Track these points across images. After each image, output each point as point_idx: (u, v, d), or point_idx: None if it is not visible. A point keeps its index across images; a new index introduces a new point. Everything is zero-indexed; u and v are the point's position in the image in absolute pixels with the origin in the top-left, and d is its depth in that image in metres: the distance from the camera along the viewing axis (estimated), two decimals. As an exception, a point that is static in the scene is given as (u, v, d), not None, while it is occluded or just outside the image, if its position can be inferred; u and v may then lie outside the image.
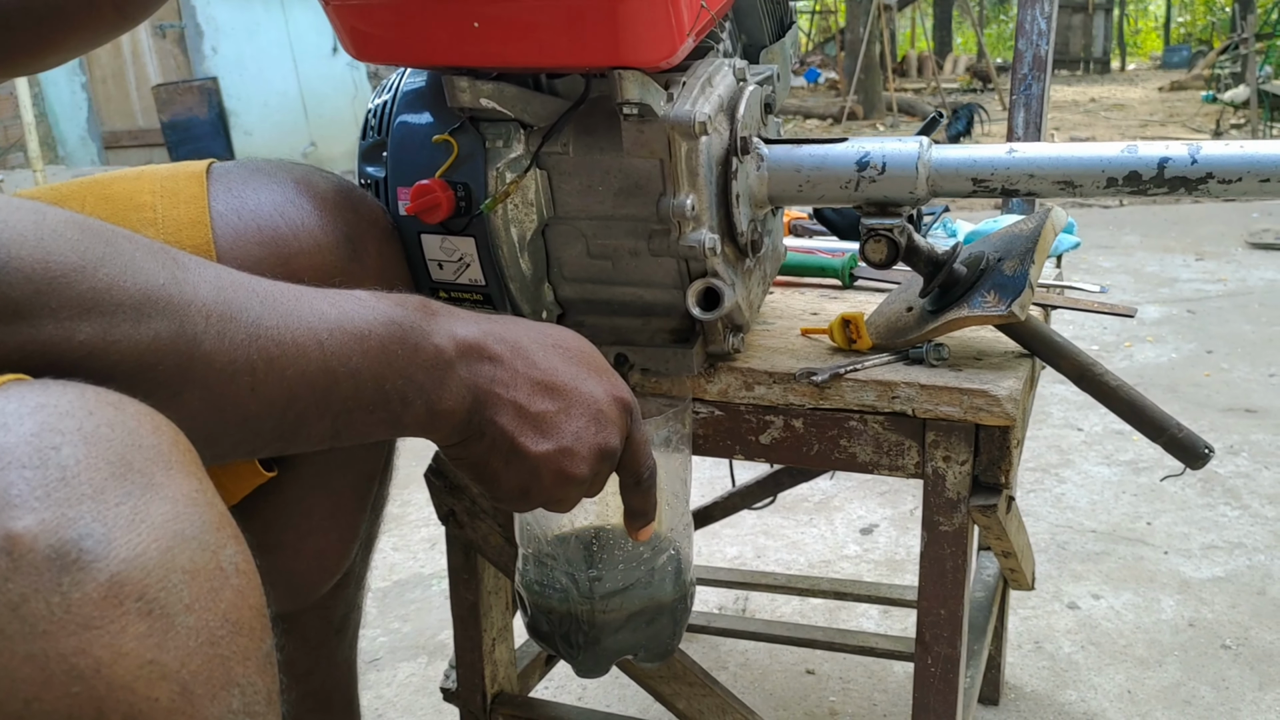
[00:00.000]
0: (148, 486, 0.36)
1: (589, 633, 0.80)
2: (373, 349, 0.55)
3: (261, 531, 0.86)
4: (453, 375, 0.59)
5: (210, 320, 0.48)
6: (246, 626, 0.37)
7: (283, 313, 0.52)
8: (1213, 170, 0.77)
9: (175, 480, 0.37)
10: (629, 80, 0.75)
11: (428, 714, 1.45)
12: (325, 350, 0.53)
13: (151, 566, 0.34)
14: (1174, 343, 3.01)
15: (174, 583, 0.35)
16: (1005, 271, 0.84)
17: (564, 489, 0.64)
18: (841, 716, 1.42)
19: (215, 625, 0.36)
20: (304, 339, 0.52)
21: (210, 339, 0.48)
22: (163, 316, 0.46)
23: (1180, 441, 0.85)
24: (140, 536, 0.35)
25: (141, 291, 0.46)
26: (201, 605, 0.35)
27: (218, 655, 0.36)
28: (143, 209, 0.74)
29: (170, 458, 0.38)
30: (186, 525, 0.36)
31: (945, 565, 0.86)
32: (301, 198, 0.79)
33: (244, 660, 0.37)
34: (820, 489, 2.11)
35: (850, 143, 0.84)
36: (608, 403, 0.65)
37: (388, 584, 1.83)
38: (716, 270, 0.82)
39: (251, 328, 0.50)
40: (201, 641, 0.35)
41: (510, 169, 0.82)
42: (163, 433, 0.39)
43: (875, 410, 0.84)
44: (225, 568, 0.37)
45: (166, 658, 0.34)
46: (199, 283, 0.49)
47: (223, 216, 0.75)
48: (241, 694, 0.36)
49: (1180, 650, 1.53)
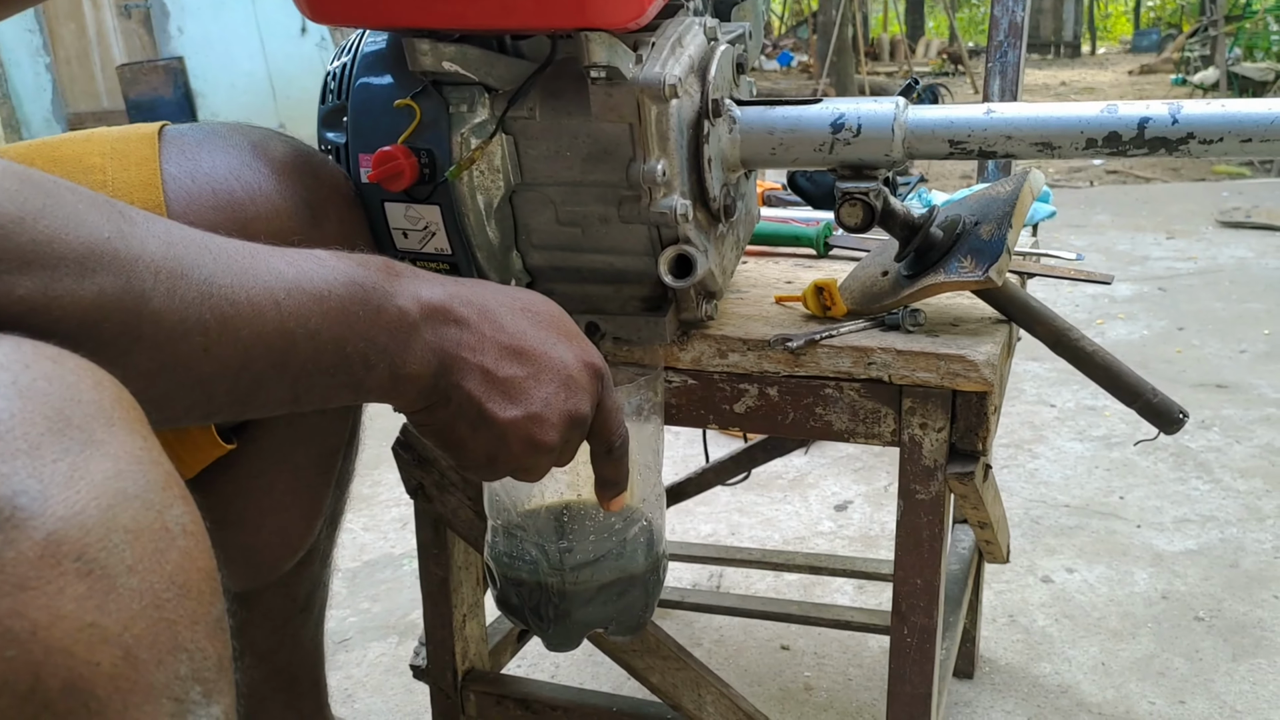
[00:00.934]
0: (87, 443, 0.34)
1: (559, 605, 0.78)
2: (332, 310, 0.53)
3: (221, 507, 0.84)
4: (417, 338, 0.57)
5: (159, 276, 0.46)
6: (194, 590, 0.35)
7: (237, 271, 0.49)
8: (1194, 130, 0.76)
9: (117, 437, 0.35)
10: (596, 43, 0.72)
11: (398, 694, 1.43)
12: (282, 311, 0.51)
13: (91, 525, 0.32)
14: (1145, 320, 3.03)
15: (115, 542, 0.33)
16: (982, 236, 0.83)
17: (533, 457, 0.63)
18: (817, 691, 1.41)
19: (160, 588, 0.34)
20: (260, 298, 0.50)
21: (159, 296, 0.46)
22: (108, 272, 0.44)
23: (1155, 406, 0.84)
24: (79, 494, 0.33)
25: (85, 245, 0.44)
26: (145, 566, 0.33)
27: (163, 619, 0.33)
28: (92, 171, 0.72)
29: (112, 414, 0.36)
30: (129, 483, 0.34)
31: (922, 534, 0.85)
32: (259, 161, 0.76)
33: (192, 625, 0.35)
34: (795, 466, 2.10)
35: (825, 104, 0.83)
36: (578, 368, 0.63)
37: (358, 564, 1.81)
38: (688, 237, 0.80)
39: (204, 285, 0.47)
40: (146, 604, 0.33)
41: (475, 134, 0.80)
42: (104, 388, 0.37)
43: (851, 377, 0.82)
44: (171, 528, 0.35)
45: (108, 620, 0.32)
46: (147, 237, 0.46)
47: (175, 179, 0.73)
48: (190, 659, 0.34)
49: (1153, 622, 1.53)
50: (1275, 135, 0.74)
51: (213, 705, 0.35)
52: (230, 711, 0.36)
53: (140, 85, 7.51)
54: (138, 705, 0.32)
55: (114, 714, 0.31)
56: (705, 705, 0.97)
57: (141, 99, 7.46)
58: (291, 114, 7.89)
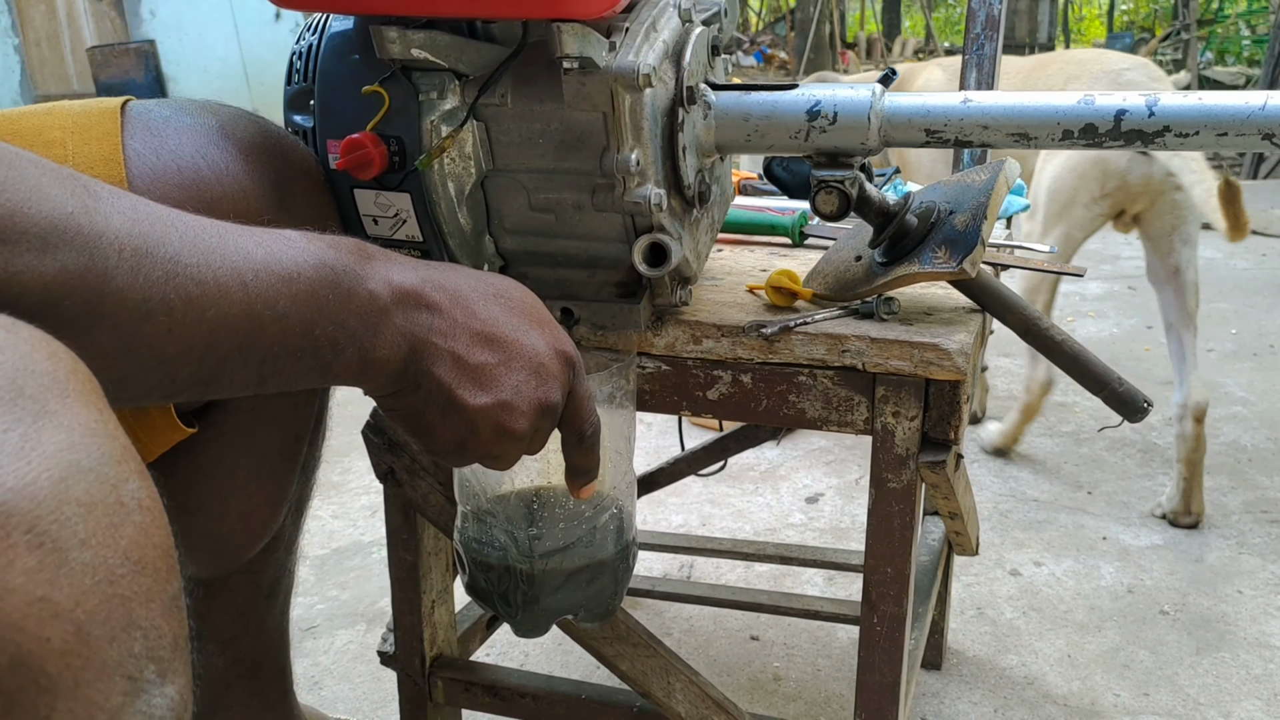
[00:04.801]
0: (40, 414, 0.33)
1: (528, 592, 0.78)
2: (302, 292, 0.52)
3: (182, 492, 0.82)
4: (388, 323, 0.56)
5: (124, 254, 0.45)
6: (150, 566, 0.34)
7: (204, 250, 0.48)
8: (1170, 123, 0.76)
9: (72, 409, 0.34)
10: (568, 34, 0.71)
11: (365, 681, 1.42)
12: (250, 292, 0.50)
13: (43, 497, 0.31)
14: (1115, 318, 3.05)
15: (68, 515, 0.32)
16: (957, 226, 0.83)
17: (502, 444, 0.62)
18: (786, 682, 1.41)
19: (114, 563, 0.32)
20: (227, 279, 0.49)
21: (123, 274, 0.45)
22: (71, 248, 0.43)
23: (1120, 396, 0.85)
24: (30, 465, 0.31)
25: (48, 220, 0.43)
26: (99, 541, 0.32)
27: (117, 595, 0.32)
28: (52, 145, 0.69)
29: (67, 385, 0.35)
30: (83, 456, 0.33)
31: (893, 523, 0.85)
32: (226, 141, 0.74)
33: (147, 602, 0.33)
34: (767, 458, 2.10)
35: (801, 90, 0.82)
36: (549, 356, 0.63)
37: (326, 551, 1.79)
38: (663, 225, 0.80)
39: (169, 264, 0.46)
40: (99, 580, 0.32)
41: (445, 121, 0.78)
42: (59, 359, 0.36)
43: (825, 365, 0.82)
44: (126, 502, 0.34)
45: (59, 595, 0.30)
46: (112, 213, 0.45)
47: (139, 155, 0.70)
48: (144, 637, 0.33)
49: (1119, 616, 1.54)
50: (1249, 129, 0.74)
51: (167, 685, 0.34)
52: (185, 691, 0.35)
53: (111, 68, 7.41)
54: (89, 683, 0.31)
55: (64, 691, 0.30)
56: (674, 693, 0.97)
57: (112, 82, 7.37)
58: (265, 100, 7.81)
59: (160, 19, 7.84)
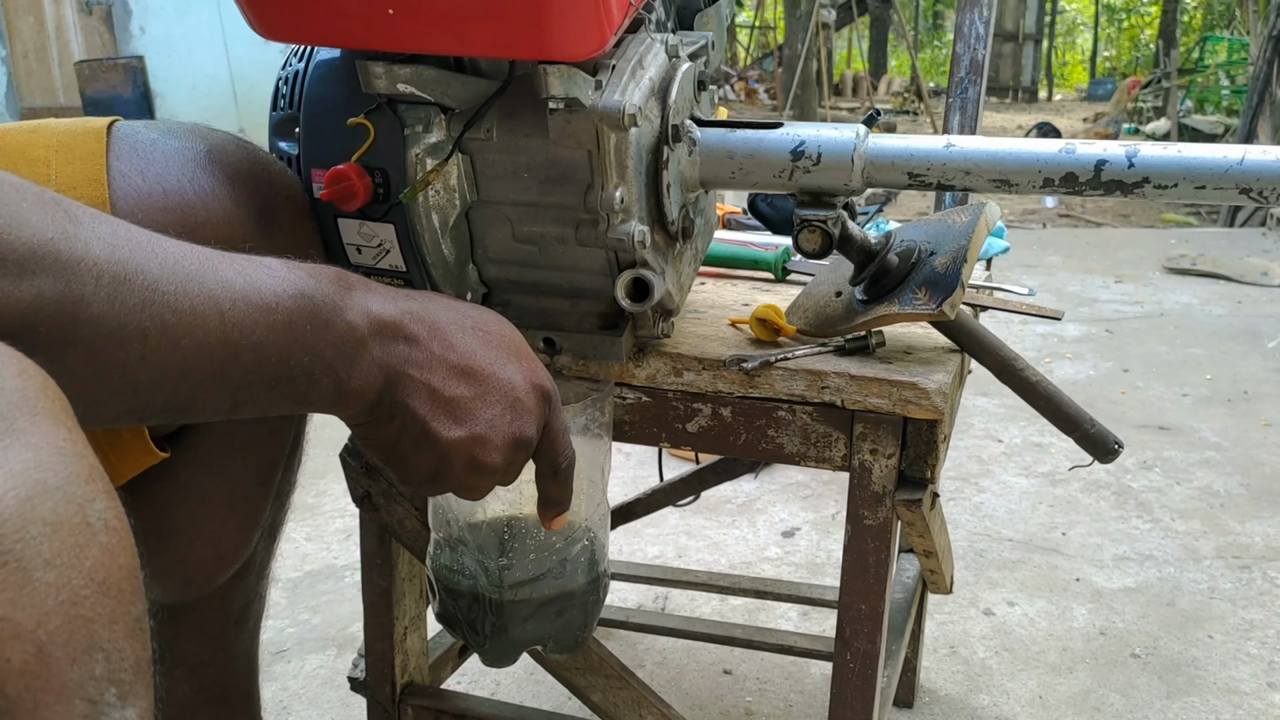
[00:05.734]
0: (7, 432, 0.33)
1: (496, 621, 0.78)
2: (279, 322, 0.52)
3: (153, 517, 0.82)
4: (365, 354, 0.57)
5: (101, 280, 0.45)
6: (114, 588, 0.34)
7: (183, 277, 0.49)
8: (1149, 175, 0.77)
9: (40, 427, 0.34)
10: (554, 75, 0.71)
11: (335, 707, 1.41)
12: (226, 321, 0.50)
13: (8, 516, 0.31)
14: (1092, 360, 3.08)
15: (32, 535, 0.31)
16: (937, 268, 0.84)
17: (475, 477, 0.63)
18: (758, 716, 1.41)
19: (79, 584, 0.32)
20: (204, 307, 0.49)
21: (100, 301, 0.45)
22: (48, 274, 0.43)
23: (1092, 437, 0.86)
24: None
25: (26, 246, 0.43)
26: (63, 561, 0.32)
27: (80, 616, 0.32)
28: (36, 164, 0.69)
29: (36, 404, 0.35)
30: (50, 475, 0.33)
31: (868, 560, 0.85)
32: (212, 165, 0.74)
33: (110, 624, 0.33)
34: (744, 491, 2.10)
35: (786, 129, 0.83)
36: (525, 390, 0.63)
37: (299, 574, 1.78)
38: (646, 260, 0.80)
39: (147, 291, 0.47)
40: (62, 600, 0.32)
41: (430, 154, 0.78)
42: (29, 377, 0.36)
43: (804, 400, 0.83)
44: (93, 523, 0.34)
45: (21, 615, 0.30)
46: (91, 239, 0.45)
47: (124, 177, 0.70)
48: (106, 660, 0.33)
49: (1091, 658, 1.55)
50: (1227, 182, 0.75)
51: (128, 708, 0.33)
52: (146, 714, 0.35)
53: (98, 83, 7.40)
54: (49, 705, 0.31)
55: (24, 713, 0.30)
56: (646, 726, 0.97)
57: (99, 96, 7.36)
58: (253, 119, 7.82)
59: (150, 35, 7.84)
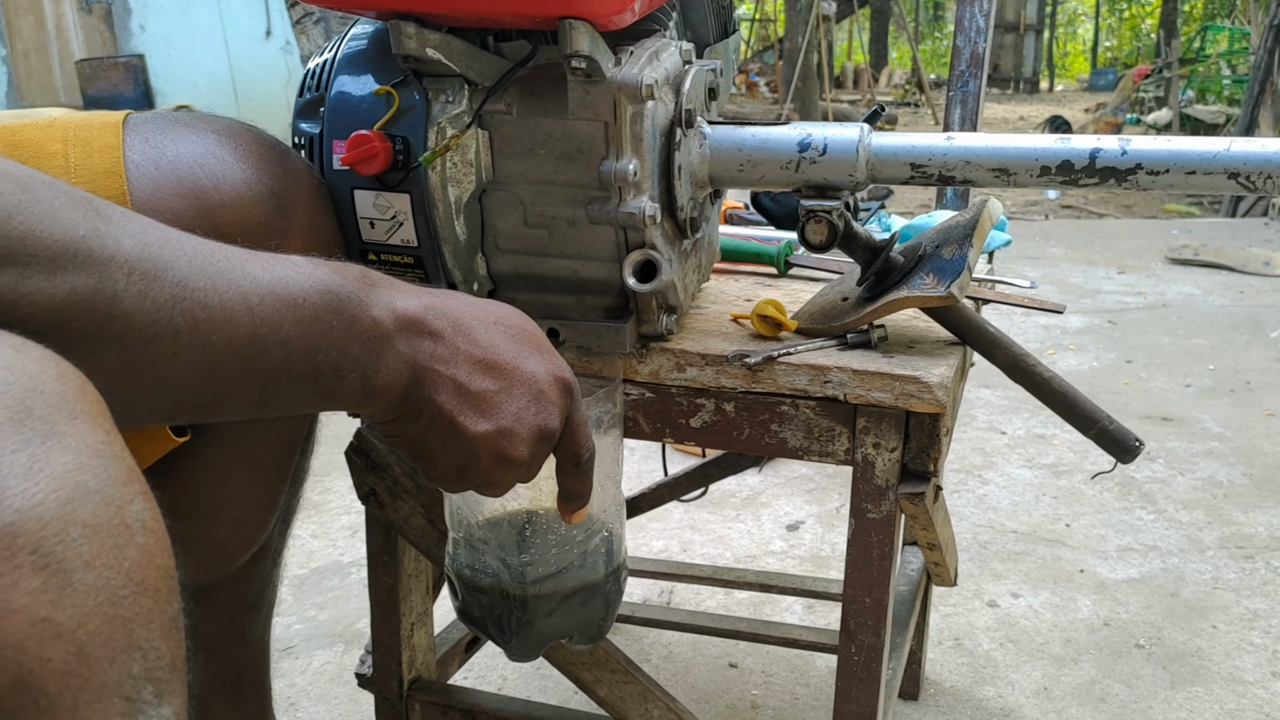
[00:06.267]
0: (48, 435, 0.34)
1: (521, 616, 0.78)
2: (306, 318, 0.52)
3: (176, 498, 0.83)
4: (391, 350, 0.57)
5: (132, 277, 0.45)
6: (151, 587, 0.35)
7: (211, 274, 0.49)
8: (1142, 162, 0.78)
9: (79, 430, 0.35)
10: (580, 31, 0.73)
11: (342, 703, 1.42)
12: (255, 316, 0.50)
13: (49, 518, 0.32)
14: (1095, 351, 3.08)
15: (73, 537, 0.32)
16: (944, 256, 0.84)
17: (502, 471, 0.63)
18: (763, 710, 1.41)
19: (117, 584, 0.33)
20: (233, 303, 0.49)
21: (131, 297, 0.45)
22: (81, 270, 0.43)
23: (1111, 434, 0.85)
24: (38, 486, 0.32)
25: (59, 243, 0.43)
26: (103, 562, 0.33)
27: (118, 616, 0.33)
28: (53, 157, 0.71)
29: (75, 406, 0.35)
30: (89, 477, 0.34)
31: (872, 553, 0.85)
32: (224, 150, 0.75)
33: (147, 623, 0.34)
34: (748, 485, 2.11)
35: (792, 126, 0.84)
36: (549, 383, 0.63)
37: (305, 571, 1.79)
38: (654, 243, 0.81)
39: (177, 288, 0.47)
40: (101, 601, 0.32)
41: (452, 125, 0.81)
42: (68, 380, 0.36)
43: (807, 395, 0.83)
44: (130, 524, 0.34)
45: (62, 616, 0.31)
46: (122, 236, 0.46)
47: (139, 167, 0.72)
48: (144, 658, 0.34)
49: (1095, 649, 1.55)
50: (1216, 168, 0.77)
51: (164, 706, 0.34)
52: (182, 712, 0.36)
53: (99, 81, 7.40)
54: (88, 703, 0.31)
55: (64, 711, 0.30)
56: (652, 719, 0.97)
57: (100, 95, 7.36)
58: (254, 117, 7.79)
59: (150, 33, 7.84)
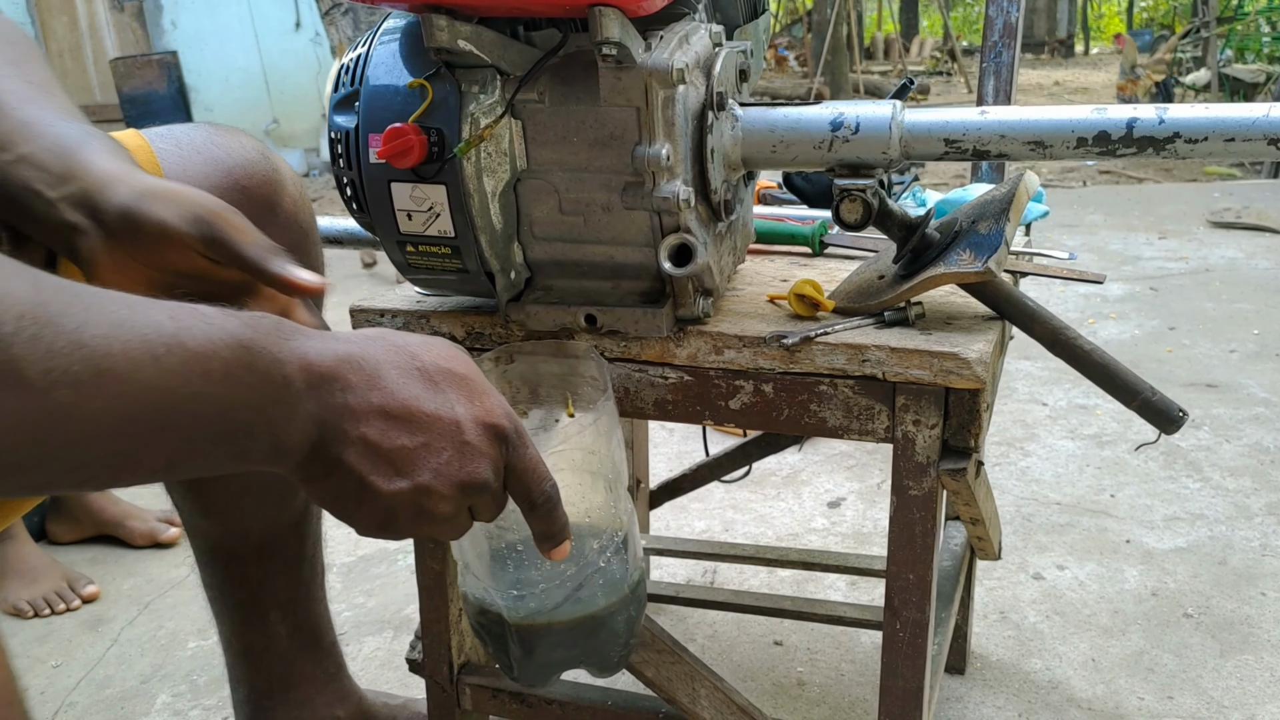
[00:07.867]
0: None
1: (522, 645, 0.76)
2: (215, 371, 0.50)
3: None
4: (300, 408, 0.54)
5: (23, 321, 0.42)
6: None
7: (112, 321, 0.46)
8: (1179, 130, 0.77)
9: None
10: (610, 18, 0.74)
11: (394, 687, 1.44)
12: (162, 366, 0.47)
13: None
14: (1137, 319, 3.04)
15: None
16: (980, 231, 0.84)
17: (427, 527, 0.60)
18: (810, 687, 1.42)
19: None
20: (137, 351, 0.46)
21: (21, 343, 0.42)
22: None
23: (1154, 405, 0.84)
24: None
25: None
26: None
27: None
28: None
29: None
30: None
31: (914, 530, 0.86)
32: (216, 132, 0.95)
33: None
34: (788, 463, 2.11)
35: (824, 105, 0.84)
36: (475, 433, 0.60)
37: (352, 559, 1.81)
38: (689, 226, 0.82)
39: (74, 334, 0.44)
40: None
41: (485, 115, 0.82)
42: None
43: (845, 374, 0.83)
44: None
45: None
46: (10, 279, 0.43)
47: (164, 149, 0.90)
48: None
49: (1143, 619, 1.54)
50: (1255, 135, 0.76)
51: None
52: None
53: (134, 79, 7.47)
54: None
55: None
56: (700, 699, 0.98)
57: (135, 93, 7.43)
58: (285, 110, 7.88)
59: (181, 30, 7.90)
